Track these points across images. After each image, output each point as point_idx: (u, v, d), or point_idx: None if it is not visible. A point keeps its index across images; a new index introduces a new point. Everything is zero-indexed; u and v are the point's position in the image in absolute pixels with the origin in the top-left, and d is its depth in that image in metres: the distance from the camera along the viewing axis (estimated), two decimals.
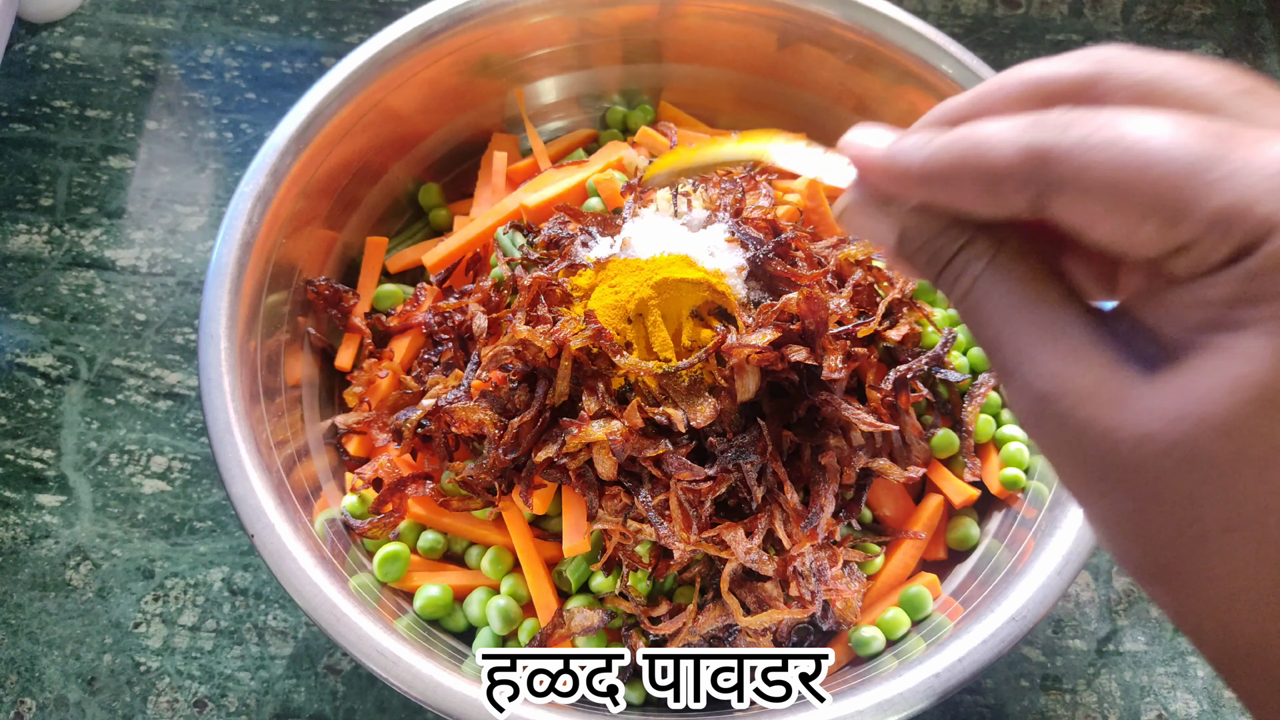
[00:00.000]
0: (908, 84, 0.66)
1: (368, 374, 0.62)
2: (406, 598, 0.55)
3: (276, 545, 0.48)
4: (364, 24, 0.86)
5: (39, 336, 0.71)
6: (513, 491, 0.53)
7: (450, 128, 0.70)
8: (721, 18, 0.68)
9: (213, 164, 0.78)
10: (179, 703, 0.60)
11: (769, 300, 0.52)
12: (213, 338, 0.53)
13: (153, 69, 0.83)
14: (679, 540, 0.49)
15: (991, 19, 0.89)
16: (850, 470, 0.53)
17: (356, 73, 0.61)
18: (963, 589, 0.56)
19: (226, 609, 0.62)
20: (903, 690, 0.46)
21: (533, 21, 0.67)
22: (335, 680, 0.60)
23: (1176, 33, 0.89)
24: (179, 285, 0.73)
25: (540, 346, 0.50)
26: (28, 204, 0.76)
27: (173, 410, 0.69)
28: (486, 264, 0.63)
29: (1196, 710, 0.61)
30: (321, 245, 0.64)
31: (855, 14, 0.65)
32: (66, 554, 0.64)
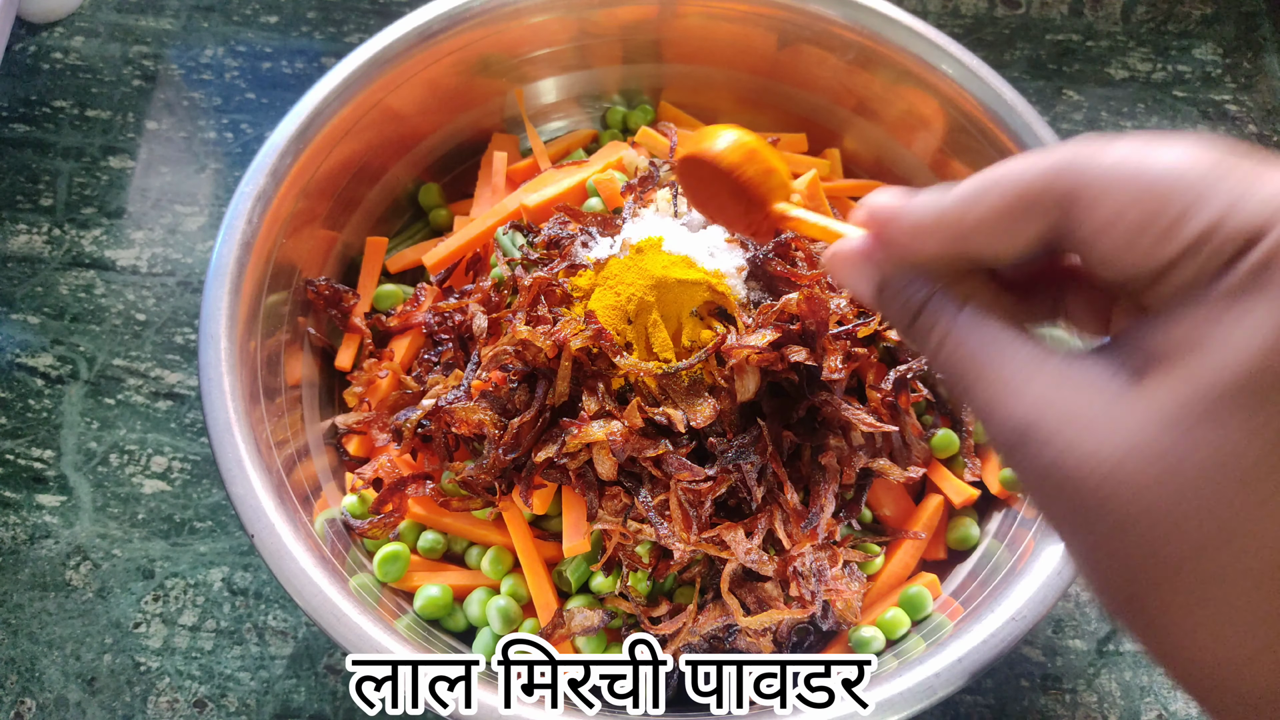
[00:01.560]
0: (908, 84, 0.66)
1: (368, 374, 0.62)
2: (406, 598, 0.55)
3: (276, 545, 0.48)
4: (364, 24, 0.86)
5: (39, 336, 0.71)
6: (513, 491, 0.53)
7: (450, 128, 0.70)
8: (721, 18, 0.68)
9: (213, 164, 0.78)
10: (179, 703, 0.60)
11: (769, 300, 0.52)
12: (213, 338, 0.53)
13: (153, 69, 0.83)
14: (679, 540, 0.49)
15: (991, 19, 0.89)
16: (850, 470, 0.53)
17: (356, 73, 0.61)
18: (963, 589, 0.56)
19: (226, 609, 0.62)
20: (903, 690, 0.46)
21: (533, 21, 0.67)
22: (335, 680, 0.60)
23: (1176, 33, 0.89)
24: (179, 285, 0.73)
25: (540, 347, 0.50)
26: (28, 204, 0.76)
27: (173, 410, 0.69)
28: (486, 264, 0.63)
29: (1196, 710, 0.61)
30: (321, 245, 0.64)
31: (855, 14, 0.65)
32: (66, 554, 0.64)
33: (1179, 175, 0.24)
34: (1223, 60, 0.88)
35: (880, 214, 0.30)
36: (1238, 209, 0.23)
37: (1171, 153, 0.24)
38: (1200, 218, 0.23)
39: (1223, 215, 0.23)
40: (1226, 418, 0.22)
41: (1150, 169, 0.24)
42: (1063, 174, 0.25)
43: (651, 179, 0.62)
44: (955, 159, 0.66)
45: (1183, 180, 0.23)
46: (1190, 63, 0.88)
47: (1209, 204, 0.23)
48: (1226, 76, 0.87)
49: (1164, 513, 0.23)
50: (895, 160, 0.70)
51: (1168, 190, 0.24)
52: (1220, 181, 0.23)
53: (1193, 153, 0.24)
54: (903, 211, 0.29)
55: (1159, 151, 0.24)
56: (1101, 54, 0.88)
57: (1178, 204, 0.23)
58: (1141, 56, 0.88)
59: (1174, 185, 0.23)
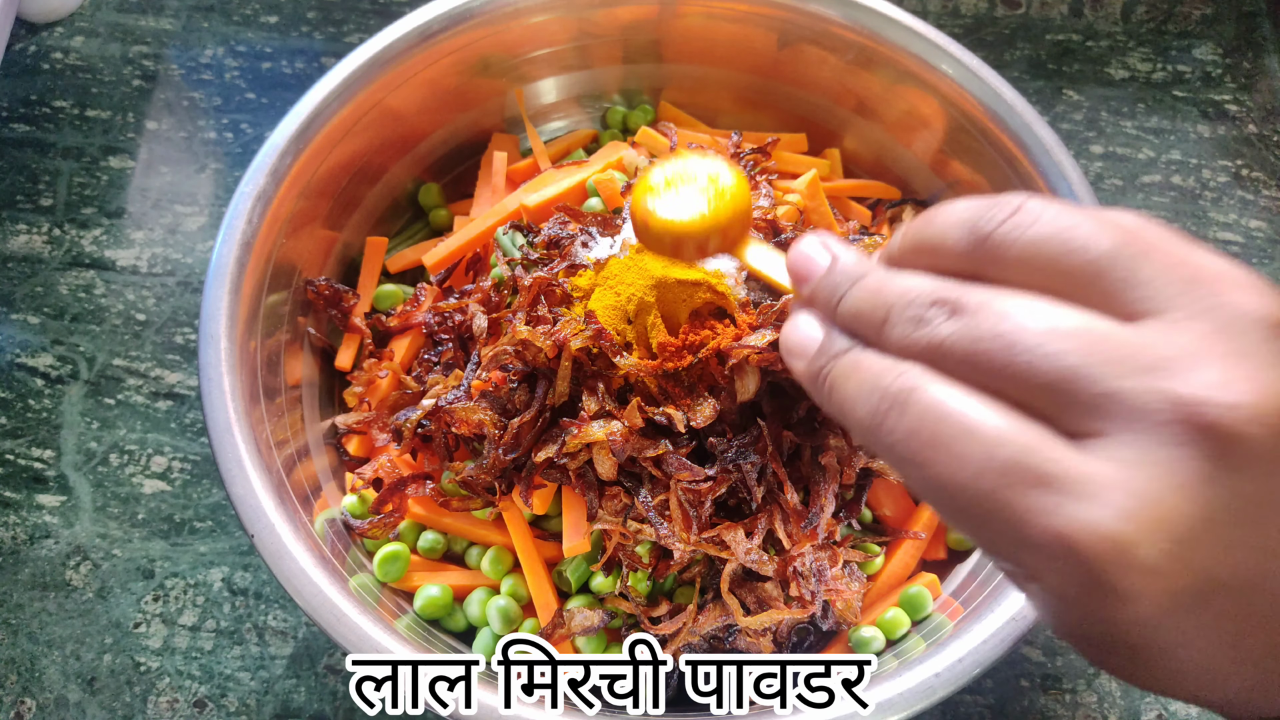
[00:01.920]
0: (908, 84, 0.66)
1: (368, 374, 0.62)
2: (406, 598, 0.55)
3: (276, 545, 0.48)
4: (364, 24, 0.86)
5: (39, 336, 0.71)
6: (513, 491, 0.53)
7: (450, 128, 0.70)
8: (721, 18, 0.68)
9: (213, 164, 0.78)
10: (179, 703, 0.60)
11: (769, 300, 0.52)
12: (213, 338, 0.53)
13: (153, 69, 0.83)
14: (679, 540, 0.49)
15: (991, 19, 0.89)
16: (850, 470, 0.53)
17: (356, 73, 0.61)
18: (963, 589, 0.56)
19: (226, 609, 0.62)
20: (903, 690, 0.46)
21: (533, 21, 0.67)
22: (335, 680, 0.60)
23: (1176, 33, 0.89)
24: (179, 285, 0.73)
25: (540, 347, 0.50)
26: (28, 204, 0.76)
27: (173, 410, 0.69)
28: (486, 264, 0.63)
29: (1196, 710, 0.61)
30: (321, 245, 0.64)
31: (855, 14, 0.65)
32: (66, 554, 0.64)
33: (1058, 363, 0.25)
34: (1223, 60, 0.88)
35: (806, 268, 0.33)
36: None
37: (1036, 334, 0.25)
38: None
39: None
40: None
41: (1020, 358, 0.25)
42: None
43: None
44: (955, 159, 0.66)
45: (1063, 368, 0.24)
46: (1190, 63, 0.88)
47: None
48: (1226, 76, 0.87)
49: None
50: (895, 160, 0.70)
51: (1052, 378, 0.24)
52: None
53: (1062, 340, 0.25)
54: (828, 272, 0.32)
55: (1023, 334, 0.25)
56: (1101, 54, 0.88)
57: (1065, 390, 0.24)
58: (1141, 56, 0.88)
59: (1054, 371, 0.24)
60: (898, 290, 0.28)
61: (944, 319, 0.26)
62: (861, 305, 0.30)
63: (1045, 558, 0.23)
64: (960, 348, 0.25)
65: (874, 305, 0.29)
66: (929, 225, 0.29)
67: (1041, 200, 0.26)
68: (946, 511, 0.26)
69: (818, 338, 0.31)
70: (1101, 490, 0.22)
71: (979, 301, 0.26)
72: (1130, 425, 0.23)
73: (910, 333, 0.27)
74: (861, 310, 0.30)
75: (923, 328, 0.26)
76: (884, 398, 0.26)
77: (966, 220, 0.27)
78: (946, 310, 0.26)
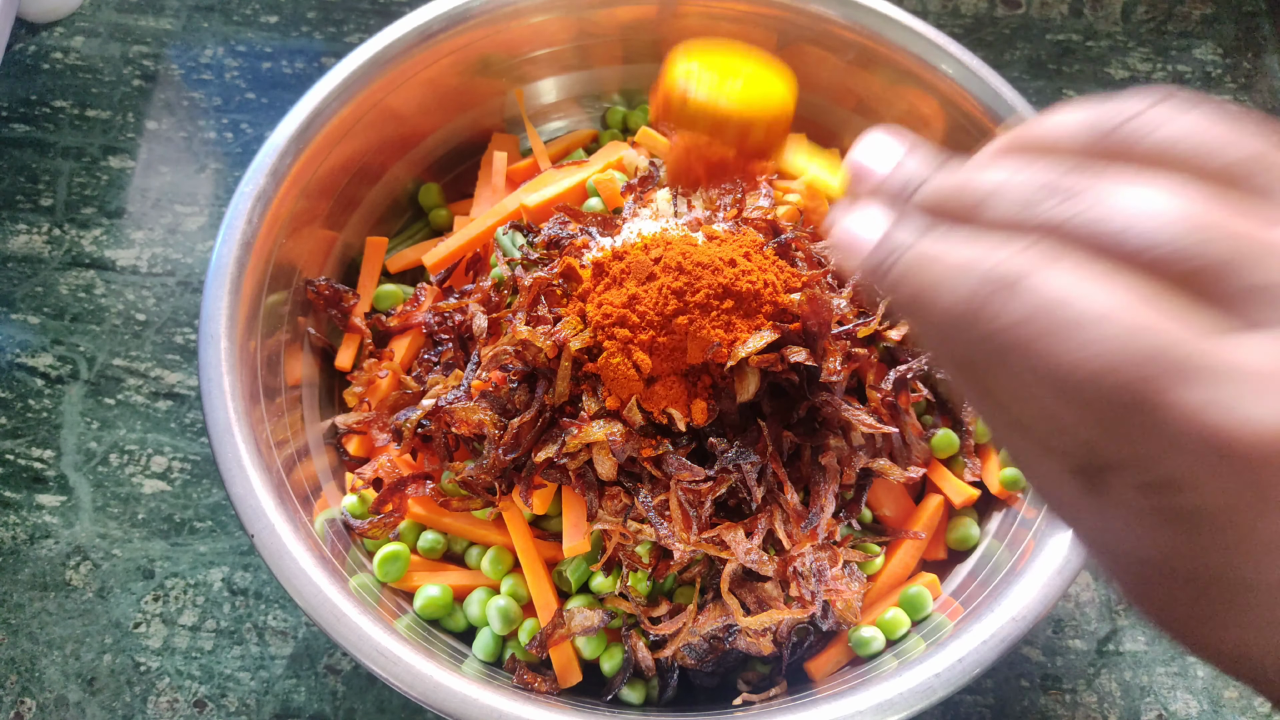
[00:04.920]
0: (908, 84, 0.66)
1: (368, 374, 0.62)
2: (406, 598, 0.55)
3: (276, 545, 0.48)
4: (364, 24, 0.86)
5: (39, 336, 0.71)
6: (513, 491, 0.53)
7: (450, 128, 0.70)
8: (721, 18, 0.68)
9: (213, 164, 0.78)
10: (179, 703, 0.60)
11: None
12: (213, 338, 0.53)
13: (153, 69, 0.83)
14: (679, 540, 0.49)
15: (991, 19, 0.89)
16: (850, 470, 0.53)
17: (356, 73, 0.61)
18: (963, 589, 0.56)
19: (226, 609, 0.62)
20: (903, 690, 0.46)
21: (533, 21, 0.67)
22: (335, 680, 0.61)
23: (1176, 33, 0.89)
24: (179, 285, 0.73)
25: (540, 347, 0.50)
26: (28, 204, 0.76)
27: (173, 410, 0.69)
28: (486, 264, 0.63)
29: (1196, 710, 0.61)
30: (321, 245, 0.64)
31: (855, 14, 0.65)
32: (66, 554, 0.64)
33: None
34: (1223, 60, 0.88)
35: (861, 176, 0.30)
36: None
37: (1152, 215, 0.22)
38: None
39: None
40: None
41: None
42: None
43: (651, 179, 0.62)
44: (955, 159, 0.66)
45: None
46: (1190, 63, 0.88)
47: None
48: (1226, 76, 0.87)
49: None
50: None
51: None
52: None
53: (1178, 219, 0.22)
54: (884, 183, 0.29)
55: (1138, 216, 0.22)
56: (1101, 54, 0.88)
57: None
58: (1141, 56, 0.88)
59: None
60: (995, 178, 0.25)
61: (1059, 201, 0.23)
62: (947, 191, 0.27)
63: (1195, 459, 0.20)
64: (1084, 230, 0.22)
65: (963, 191, 0.26)
66: (1036, 124, 0.26)
67: (1175, 100, 0.24)
68: (1062, 408, 0.22)
69: (882, 225, 0.28)
70: (1266, 383, 0.19)
71: (1103, 186, 0.22)
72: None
73: (1017, 213, 0.24)
74: (948, 196, 0.26)
75: (1033, 209, 0.23)
76: (986, 280, 0.23)
77: (1086, 116, 0.25)
78: (1061, 195, 0.23)
